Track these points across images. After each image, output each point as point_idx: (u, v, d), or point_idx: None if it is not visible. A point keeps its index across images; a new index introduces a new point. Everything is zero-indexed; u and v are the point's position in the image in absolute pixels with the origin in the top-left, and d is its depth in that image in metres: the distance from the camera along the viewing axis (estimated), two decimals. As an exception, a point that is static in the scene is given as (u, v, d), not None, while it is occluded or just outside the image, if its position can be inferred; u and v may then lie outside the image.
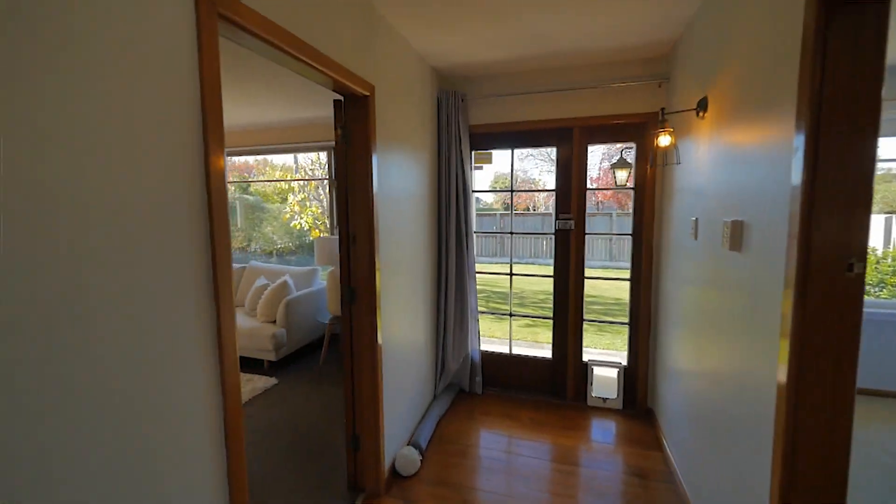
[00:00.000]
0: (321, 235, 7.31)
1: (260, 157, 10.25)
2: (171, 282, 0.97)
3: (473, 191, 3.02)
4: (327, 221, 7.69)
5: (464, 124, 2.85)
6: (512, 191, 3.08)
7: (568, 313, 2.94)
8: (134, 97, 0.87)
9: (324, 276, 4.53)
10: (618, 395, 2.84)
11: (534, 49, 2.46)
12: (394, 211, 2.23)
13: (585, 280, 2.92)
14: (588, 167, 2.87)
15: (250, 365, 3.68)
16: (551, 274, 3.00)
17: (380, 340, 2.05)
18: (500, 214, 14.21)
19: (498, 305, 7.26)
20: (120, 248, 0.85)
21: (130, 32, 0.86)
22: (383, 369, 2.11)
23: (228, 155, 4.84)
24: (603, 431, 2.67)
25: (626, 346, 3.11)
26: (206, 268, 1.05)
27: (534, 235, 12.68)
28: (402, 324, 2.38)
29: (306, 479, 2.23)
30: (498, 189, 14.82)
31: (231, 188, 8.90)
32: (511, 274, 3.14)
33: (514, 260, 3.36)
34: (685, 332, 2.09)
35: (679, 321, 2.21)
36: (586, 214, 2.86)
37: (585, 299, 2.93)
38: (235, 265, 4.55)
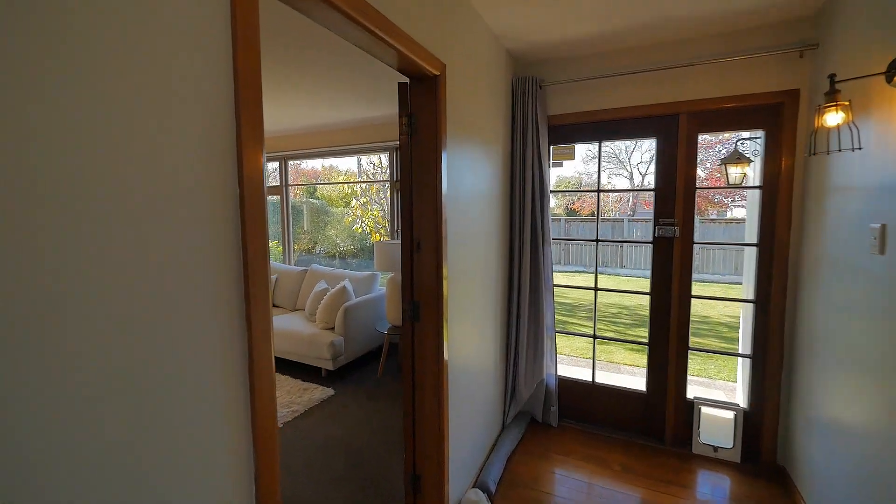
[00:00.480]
0: (381, 239, 7.25)
1: (326, 164, 10.56)
2: (191, 302, 0.72)
3: (551, 191, 2.63)
4: (388, 225, 7.65)
5: (542, 114, 2.47)
6: (599, 191, 2.63)
7: (668, 338, 2.42)
8: (139, 83, 0.63)
9: (383, 282, 4.35)
10: (734, 445, 2.27)
11: (637, 17, 2.02)
12: (463, 214, 1.91)
13: (692, 299, 2.39)
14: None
15: (308, 373, 3.56)
16: (645, 290, 2.50)
17: (446, 364, 1.74)
18: (565, 220, 13.44)
19: (564, 319, 6.69)
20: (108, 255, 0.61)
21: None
22: (449, 396, 1.79)
23: (292, 159, 4.86)
24: (714, 489, 2.13)
25: (742, 381, 2.52)
26: (234, 287, 0.80)
27: (602, 243, 11.73)
28: (470, 343, 2.06)
29: (359, 516, 1.97)
30: (579, 189, 13.87)
31: (299, 192, 9.22)
32: (596, 289, 2.69)
33: (581, 269, 2.90)
34: (858, 376, 1.53)
35: (843, 361, 1.65)
36: (694, 220, 2.35)
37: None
38: (297, 268, 4.52)
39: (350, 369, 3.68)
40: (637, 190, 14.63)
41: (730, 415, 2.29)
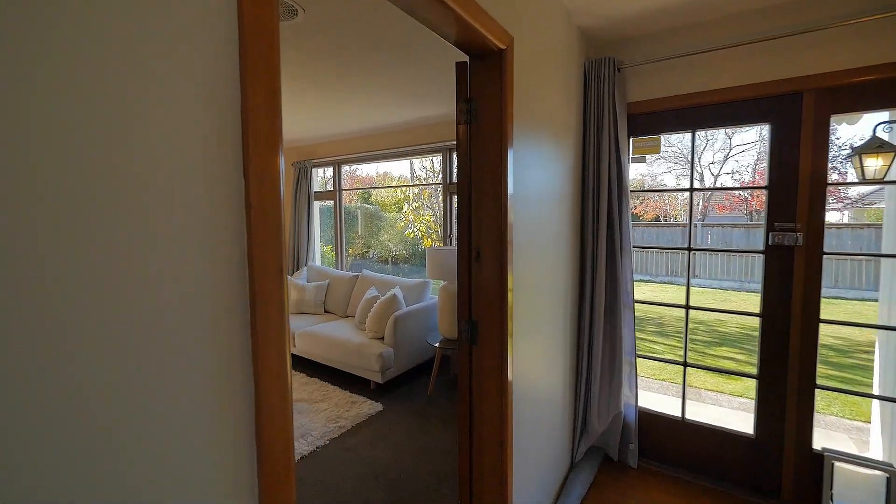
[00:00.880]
0: (433, 245, 7.09)
1: (381, 171, 10.67)
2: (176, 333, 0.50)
3: (632, 190, 2.25)
4: (440, 230, 7.48)
5: (620, 101, 2.11)
6: (691, 190, 2.21)
7: (786, 371, 1.94)
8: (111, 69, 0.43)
9: (435, 291, 4.13)
10: (884, 515, 1.75)
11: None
12: (529, 217, 1.62)
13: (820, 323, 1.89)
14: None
15: (356, 384, 3.41)
16: (752, 310, 2.04)
17: (511, 394, 1.45)
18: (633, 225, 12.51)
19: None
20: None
21: None
22: (513, 431, 1.50)
23: (345, 163, 4.81)
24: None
25: (881, 426, 1.98)
26: (236, 318, 0.58)
27: (670, 251, 10.80)
28: (535, 367, 1.75)
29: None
30: (665, 189, 12.77)
31: (355, 198, 9.38)
32: (688, 307, 2.25)
33: (646, 278, 2.45)
34: None
35: None
36: (823, 226, 1.86)
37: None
38: (348, 273, 4.44)
39: (399, 383, 3.48)
40: (742, 188, 13.32)
41: (877, 477, 1.77)
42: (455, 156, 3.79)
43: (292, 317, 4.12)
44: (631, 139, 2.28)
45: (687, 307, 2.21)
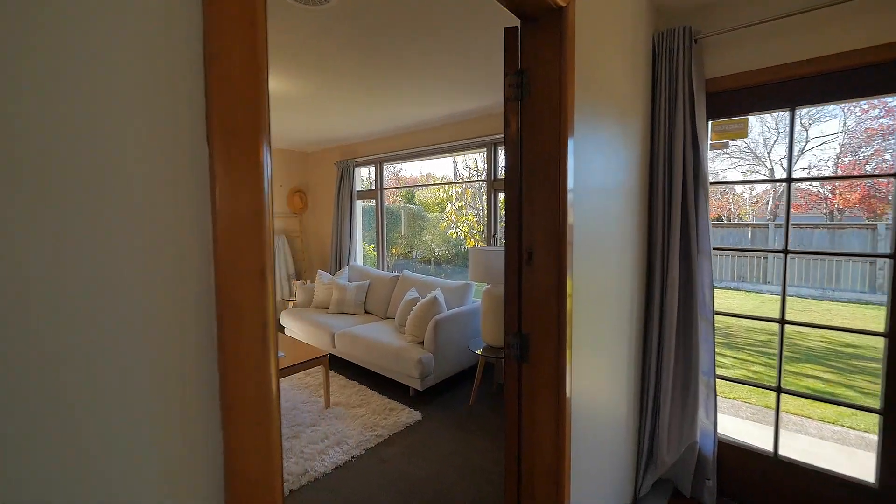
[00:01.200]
0: (475, 245, 6.89)
1: (424, 172, 10.65)
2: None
3: (712, 182, 1.92)
4: (483, 230, 7.26)
5: (697, 77, 1.79)
6: (789, 180, 1.83)
7: (922, 407, 1.54)
8: None
9: (478, 294, 3.92)
10: None
11: None
12: (591, 212, 1.37)
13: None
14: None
15: (395, 390, 3.27)
16: (873, 328, 1.64)
17: (567, 420, 1.21)
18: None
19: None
20: None
21: None
22: (570, 461, 1.26)
23: (386, 161, 4.71)
24: None
25: None
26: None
27: (755, 254, 9.86)
28: (594, 387, 1.49)
29: None
30: (759, 180, 11.48)
31: (399, 199, 9.40)
32: (783, 321, 1.88)
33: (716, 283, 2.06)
34: None
35: None
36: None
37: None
38: (389, 274, 4.34)
39: (439, 390, 3.30)
40: (860, 176, 11.90)
41: None
42: (501, 148, 3.56)
43: (333, 316, 4.07)
44: (710, 122, 1.95)
45: (782, 321, 1.85)
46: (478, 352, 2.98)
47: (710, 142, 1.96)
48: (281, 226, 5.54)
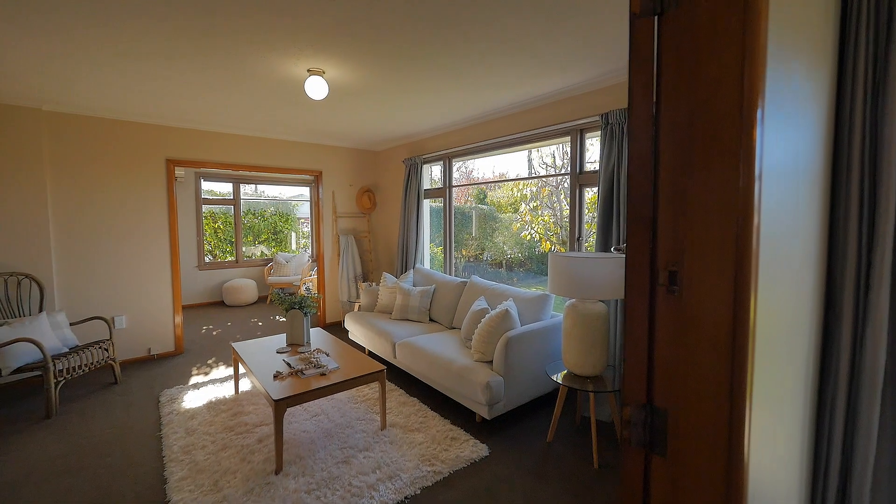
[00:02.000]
0: (553, 249, 6.25)
1: (498, 172, 10.18)
2: None
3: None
4: (560, 231, 6.59)
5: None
6: None
7: None
8: None
9: (559, 308, 3.37)
10: None
11: None
12: (774, 210, 0.82)
13: None
14: None
15: (458, 414, 2.87)
16: None
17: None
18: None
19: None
20: None
21: None
22: None
23: (455, 157, 4.33)
24: None
25: None
26: None
27: None
28: (776, 480, 0.93)
29: None
30: None
31: (470, 199, 9.05)
32: None
33: None
34: None
35: None
36: None
37: None
38: (455, 279, 3.95)
39: (510, 420, 2.83)
40: None
41: None
42: (589, 136, 2.96)
43: (396, 323, 3.80)
44: (947, 67, 1.24)
45: None
46: (557, 379, 2.46)
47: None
48: (349, 225, 5.46)
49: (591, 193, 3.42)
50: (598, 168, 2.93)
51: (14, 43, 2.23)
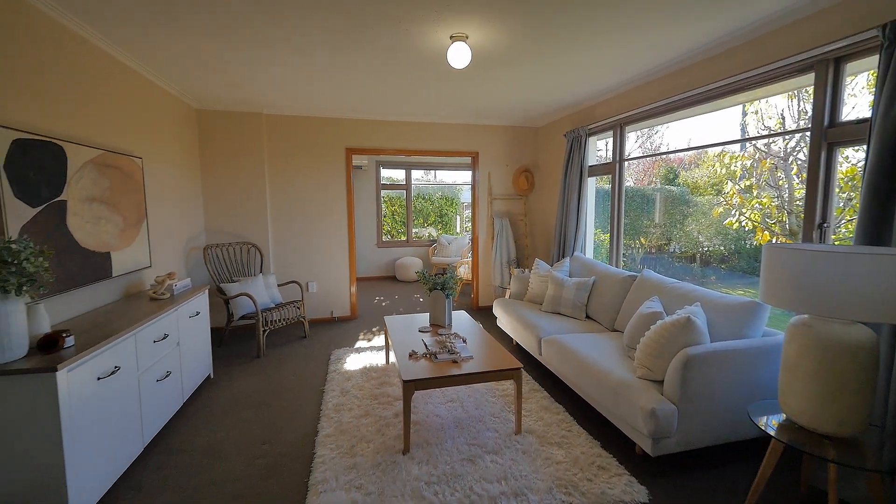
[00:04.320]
0: (773, 241, 4.72)
1: (692, 151, 8.39)
2: None
3: None
4: (790, 218, 4.91)
5: None
6: None
7: None
8: None
9: (776, 323, 2.40)
10: None
11: None
12: None
13: None
14: None
15: (613, 438, 2.33)
16: None
17: None
18: None
19: None
20: None
21: None
22: None
23: (629, 123, 3.51)
24: None
25: None
26: None
27: None
28: None
29: None
30: None
31: (655, 180, 7.69)
32: None
33: None
34: None
35: None
36: None
37: None
38: (621, 272, 3.27)
39: (684, 463, 2.13)
40: None
41: None
42: (851, 64, 1.83)
43: (545, 316, 3.40)
44: None
45: None
46: (765, 427, 1.68)
47: None
48: (505, 208, 5.22)
49: (848, 163, 2.26)
50: (869, 116, 1.87)
51: (230, 57, 2.73)
